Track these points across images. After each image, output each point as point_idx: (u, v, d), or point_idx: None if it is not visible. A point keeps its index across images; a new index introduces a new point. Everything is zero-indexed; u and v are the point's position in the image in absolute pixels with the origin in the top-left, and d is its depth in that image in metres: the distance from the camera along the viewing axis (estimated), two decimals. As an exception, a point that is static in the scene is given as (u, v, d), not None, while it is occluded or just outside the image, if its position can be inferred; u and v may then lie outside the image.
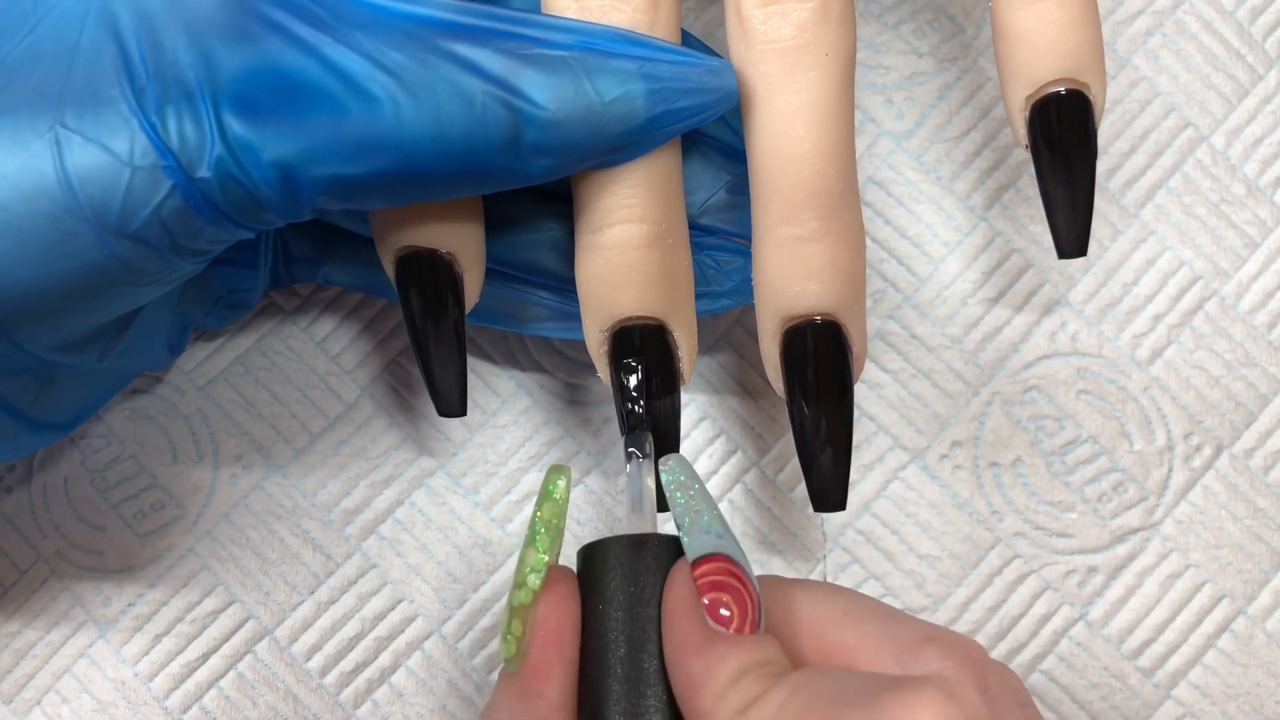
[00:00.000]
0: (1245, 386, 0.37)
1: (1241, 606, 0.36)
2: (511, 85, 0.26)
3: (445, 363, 0.30)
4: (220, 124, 0.25)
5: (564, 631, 0.27)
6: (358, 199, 0.27)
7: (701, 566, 0.26)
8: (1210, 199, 0.38)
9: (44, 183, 0.25)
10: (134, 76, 0.25)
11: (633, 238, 0.29)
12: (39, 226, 0.25)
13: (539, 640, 0.27)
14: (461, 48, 0.26)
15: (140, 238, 0.26)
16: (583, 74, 0.26)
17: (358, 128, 0.26)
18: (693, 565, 0.27)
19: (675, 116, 0.28)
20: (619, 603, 0.27)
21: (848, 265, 0.29)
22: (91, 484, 0.37)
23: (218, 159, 0.25)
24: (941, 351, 0.37)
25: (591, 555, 0.28)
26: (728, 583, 0.26)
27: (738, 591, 0.26)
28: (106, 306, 0.28)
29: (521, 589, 0.27)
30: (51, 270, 0.26)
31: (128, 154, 0.25)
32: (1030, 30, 0.29)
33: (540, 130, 0.26)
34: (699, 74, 0.28)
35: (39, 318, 0.27)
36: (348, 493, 0.37)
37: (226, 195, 0.26)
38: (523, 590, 0.27)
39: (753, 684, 0.25)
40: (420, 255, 0.30)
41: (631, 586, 0.27)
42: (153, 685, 0.35)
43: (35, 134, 0.25)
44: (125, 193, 0.25)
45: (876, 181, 0.39)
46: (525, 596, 0.27)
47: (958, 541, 0.36)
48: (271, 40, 0.26)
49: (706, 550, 0.27)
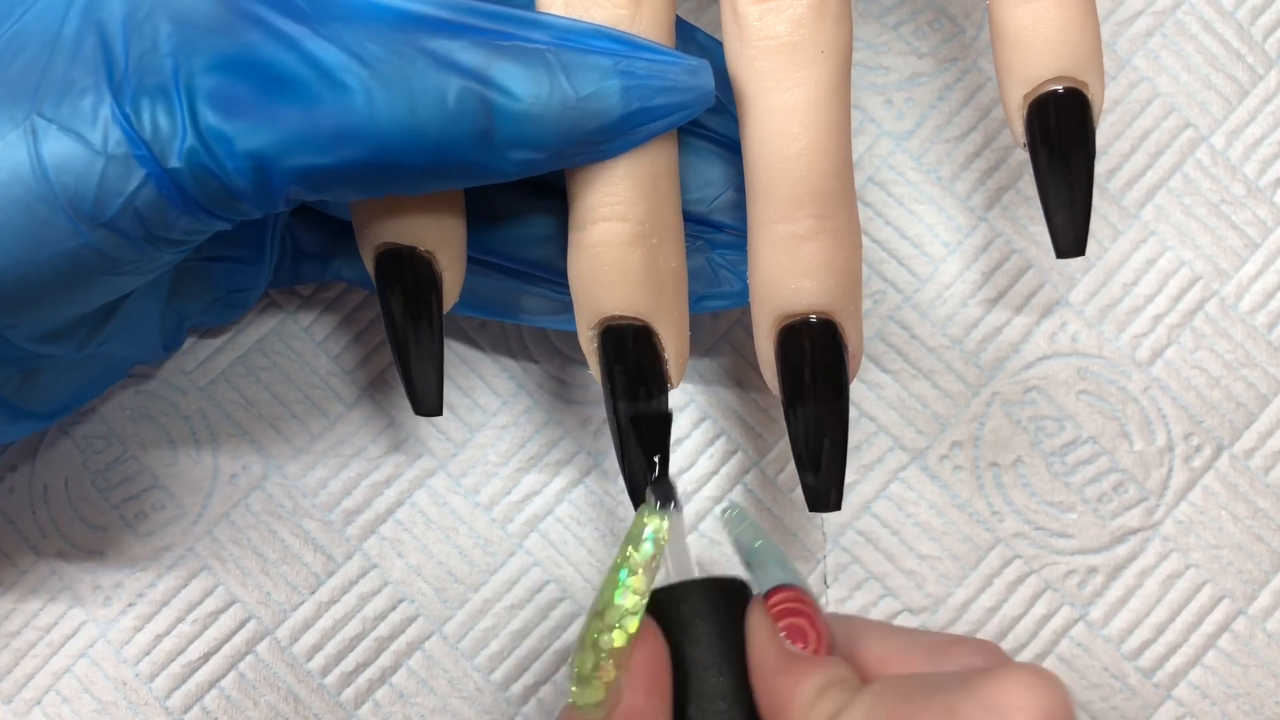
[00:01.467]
0: (1245, 387, 0.37)
1: (1241, 607, 0.36)
2: (486, 77, 0.26)
3: (423, 361, 0.30)
4: (193, 115, 0.25)
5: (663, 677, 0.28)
6: (331, 190, 0.27)
7: (774, 596, 0.28)
8: (1210, 199, 0.38)
9: (19, 170, 0.25)
10: (113, 66, 0.25)
11: (615, 235, 0.29)
12: (14, 214, 0.25)
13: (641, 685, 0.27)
14: (438, 41, 0.26)
15: (114, 227, 0.26)
16: (558, 69, 0.26)
17: (331, 118, 0.26)
18: (766, 596, 0.28)
19: (651, 114, 0.27)
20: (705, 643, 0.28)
21: (844, 264, 0.29)
22: (92, 484, 0.37)
23: (189, 150, 0.25)
24: (941, 352, 0.37)
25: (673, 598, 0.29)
26: (800, 608, 0.28)
27: (809, 617, 0.28)
28: (84, 295, 0.28)
29: (615, 632, 0.27)
30: (27, 258, 0.26)
31: (101, 143, 0.25)
32: (1028, 29, 0.29)
33: (513, 124, 0.26)
34: (676, 72, 0.27)
35: (16, 307, 0.27)
36: (348, 493, 0.37)
37: (199, 185, 0.26)
38: (617, 634, 0.27)
39: (837, 695, 0.26)
40: (400, 252, 0.30)
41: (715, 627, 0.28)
42: (153, 685, 0.35)
43: (12, 123, 0.25)
44: (99, 182, 0.25)
45: (876, 182, 0.39)
46: (620, 640, 0.27)
47: (958, 542, 0.36)
48: (251, 32, 0.26)
49: (778, 581, 0.29)
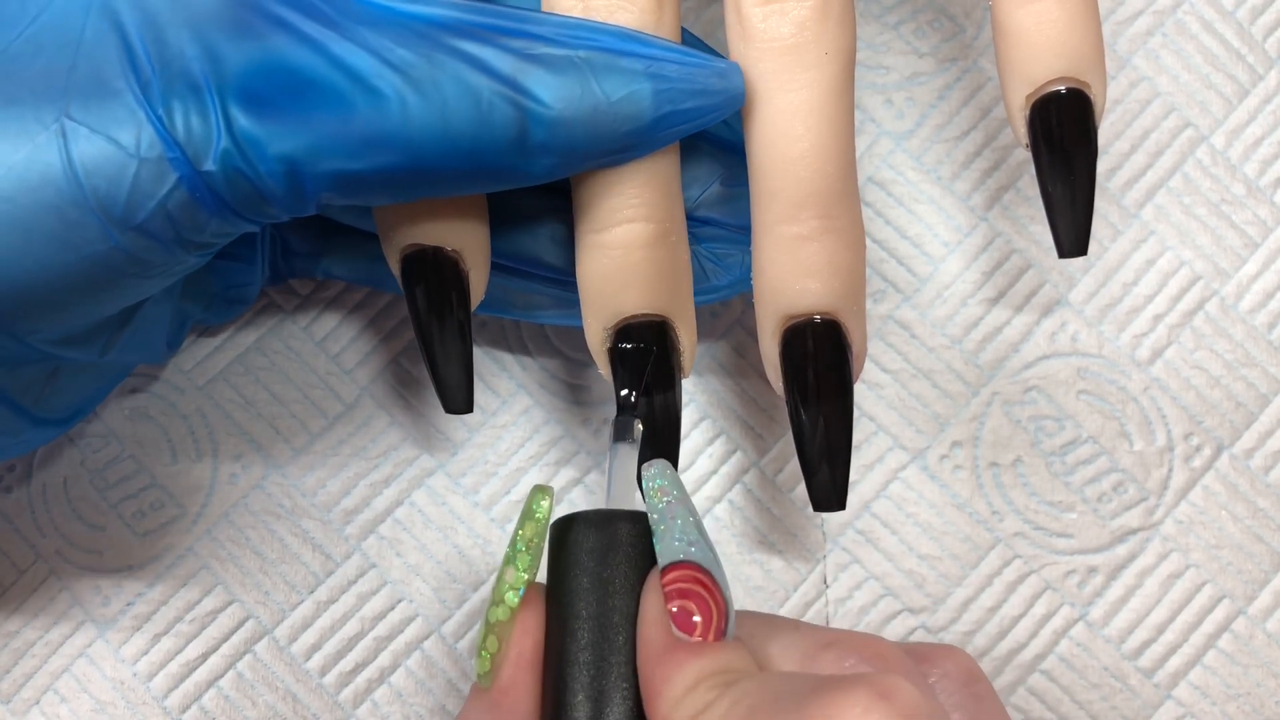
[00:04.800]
0: (1245, 386, 0.37)
1: (1241, 606, 0.36)
2: (518, 84, 0.26)
3: (451, 360, 0.31)
4: (227, 118, 0.25)
5: (538, 651, 0.27)
6: (363, 195, 0.27)
7: (669, 574, 0.26)
8: (1210, 199, 0.38)
9: (50, 174, 0.25)
10: (139, 69, 0.25)
11: (639, 237, 0.29)
12: (44, 218, 0.25)
13: (513, 659, 0.27)
14: (469, 46, 0.26)
15: (145, 230, 0.26)
16: (589, 73, 0.26)
17: (364, 124, 0.26)
18: (661, 572, 0.26)
19: (681, 118, 0.28)
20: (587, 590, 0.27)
21: (848, 264, 0.29)
22: (91, 483, 0.37)
23: (223, 152, 0.25)
24: (941, 351, 0.37)
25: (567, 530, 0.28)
26: (694, 590, 0.26)
27: (703, 599, 0.26)
28: (111, 299, 0.28)
29: (499, 606, 0.27)
30: (57, 262, 0.25)
31: (134, 146, 0.25)
32: (1030, 29, 0.29)
33: (546, 129, 0.26)
34: (706, 75, 0.28)
35: (44, 310, 0.27)
36: (347, 492, 0.37)
37: (232, 189, 0.26)
38: (500, 608, 0.27)
39: (705, 693, 0.25)
40: (426, 253, 0.30)
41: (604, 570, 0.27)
42: (152, 685, 0.35)
43: (41, 125, 0.25)
44: (131, 185, 0.25)
45: (876, 181, 0.39)
46: (503, 614, 0.27)
47: (958, 542, 0.36)
48: (278, 36, 0.26)
49: (676, 558, 0.26)
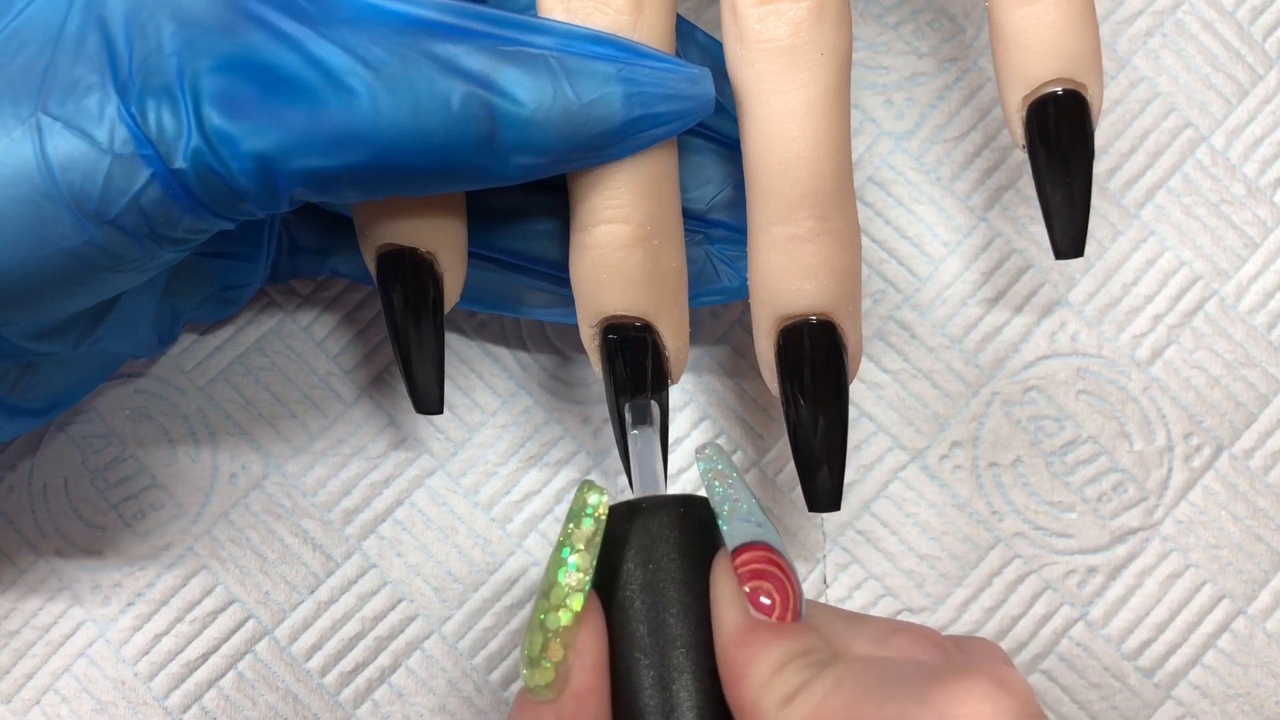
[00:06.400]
0: (1245, 387, 0.37)
1: (1241, 606, 0.36)
2: (490, 83, 0.26)
3: (424, 361, 0.31)
4: (198, 116, 0.25)
5: (606, 653, 0.27)
6: (335, 192, 0.27)
7: (742, 555, 0.26)
8: (1210, 199, 0.38)
9: (24, 168, 0.25)
10: (117, 65, 0.25)
11: (617, 238, 0.29)
12: (19, 212, 0.25)
13: (588, 664, 0.26)
14: (444, 44, 0.26)
15: (119, 225, 0.26)
16: (562, 75, 0.27)
17: (335, 121, 0.26)
18: (733, 554, 0.26)
19: (652, 121, 0.28)
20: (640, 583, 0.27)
21: (843, 265, 0.29)
22: (91, 483, 0.37)
23: (194, 150, 0.25)
24: (941, 351, 0.37)
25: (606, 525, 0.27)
26: (769, 571, 0.26)
27: (779, 580, 0.26)
28: (85, 293, 0.28)
29: (560, 611, 0.27)
30: (30, 256, 0.26)
31: (107, 142, 0.25)
32: (1027, 30, 0.29)
33: (517, 129, 0.26)
34: (678, 80, 0.28)
35: (17, 304, 0.27)
36: (347, 492, 0.37)
37: (204, 185, 0.26)
38: (563, 613, 0.27)
39: (796, 673, 0.25)
40: (401, 253, 0.30)
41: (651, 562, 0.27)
42: (152, 685, 0.35)
43: (17, 120, 0.25)
44: (105, 180, 0.25)
45: (876, 181, 0.39)
46: (566, 619, 0.27)
47: (957, 541, 0.36)
48: (255, 33, 0.26)
49: (747, 539, 0.26)
